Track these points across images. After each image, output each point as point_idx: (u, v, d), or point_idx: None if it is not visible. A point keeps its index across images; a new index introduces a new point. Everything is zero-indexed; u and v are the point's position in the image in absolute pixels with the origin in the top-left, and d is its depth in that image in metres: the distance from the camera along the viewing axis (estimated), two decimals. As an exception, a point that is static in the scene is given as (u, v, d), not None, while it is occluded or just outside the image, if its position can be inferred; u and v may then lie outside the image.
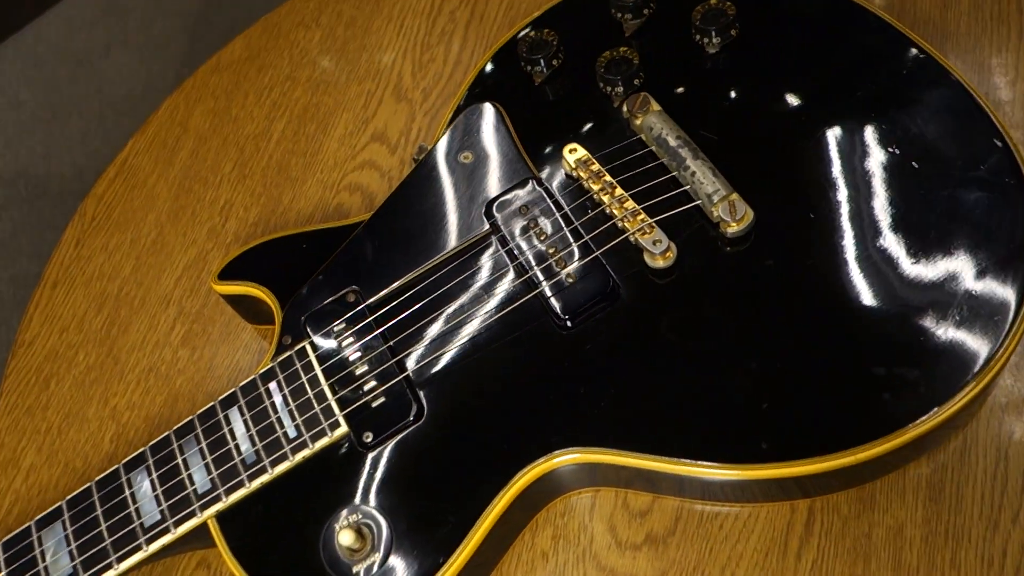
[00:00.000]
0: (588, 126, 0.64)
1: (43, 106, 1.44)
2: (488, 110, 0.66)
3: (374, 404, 0.57)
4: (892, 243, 0.55)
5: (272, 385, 0.59)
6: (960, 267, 0.54)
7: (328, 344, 0.59)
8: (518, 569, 0.58)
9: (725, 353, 0.55)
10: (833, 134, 0.60)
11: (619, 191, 0.59)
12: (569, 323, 0.57)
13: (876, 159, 0.58)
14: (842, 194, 0.57)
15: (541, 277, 0.58)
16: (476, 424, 0.56)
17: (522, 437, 0.55)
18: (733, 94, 0.63)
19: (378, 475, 0.56)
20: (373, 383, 0.58)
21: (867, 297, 0.54)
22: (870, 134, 0.59)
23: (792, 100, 0.62)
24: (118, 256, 0.76)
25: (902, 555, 0.54)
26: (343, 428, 0.57)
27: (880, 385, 0.52)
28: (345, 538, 0.52)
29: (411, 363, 0.58)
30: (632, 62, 0.63)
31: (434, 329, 0.59)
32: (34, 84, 1.44)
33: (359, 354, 0.59)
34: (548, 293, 0.58)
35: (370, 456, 0.56)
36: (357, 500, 0.55)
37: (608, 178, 0.60)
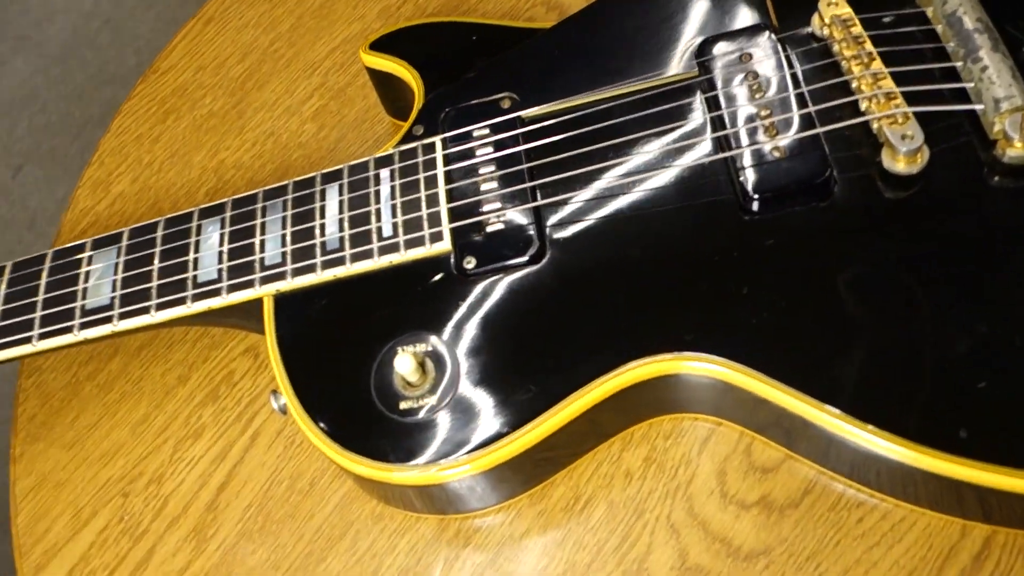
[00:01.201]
0: (860, -14, 0.50)
1: None
2: (740, -61, 0.52)
3: (489, 228, 0.46)
4: None
5: (384, 172, 0.49)
6: None
7: (461, 147, 0.49)
8: (592, 480, 0.47)
9: (951, 305, 0.41)
10: None
11: (876, 64, 0.45)
12: (756, 206, 0.44)
13: None
14: None
15: (743, 140, 0.45)
16: (602, 288, 0.44)
17: (653, 321, 0.43)
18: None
19: (466, 310, 0.45)
20: (496, 204, 0.47)
21: None
22: None
23: None
24: (281, 10, 0.68)
25: (1100, 642, 0.40)
26: (445, 244, 0.46)
27: None
28: (403, 364, 0.43)
29: (548, 195, 0.47)
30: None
31: (588, 165, 0.47)
32: None
33: (492, 168, 0.48)
34: (743, 162, 0.45)
35: (465, 286, 0.46)
36: (432, 330, 0.45)
37: (868, 46, 0.46)
